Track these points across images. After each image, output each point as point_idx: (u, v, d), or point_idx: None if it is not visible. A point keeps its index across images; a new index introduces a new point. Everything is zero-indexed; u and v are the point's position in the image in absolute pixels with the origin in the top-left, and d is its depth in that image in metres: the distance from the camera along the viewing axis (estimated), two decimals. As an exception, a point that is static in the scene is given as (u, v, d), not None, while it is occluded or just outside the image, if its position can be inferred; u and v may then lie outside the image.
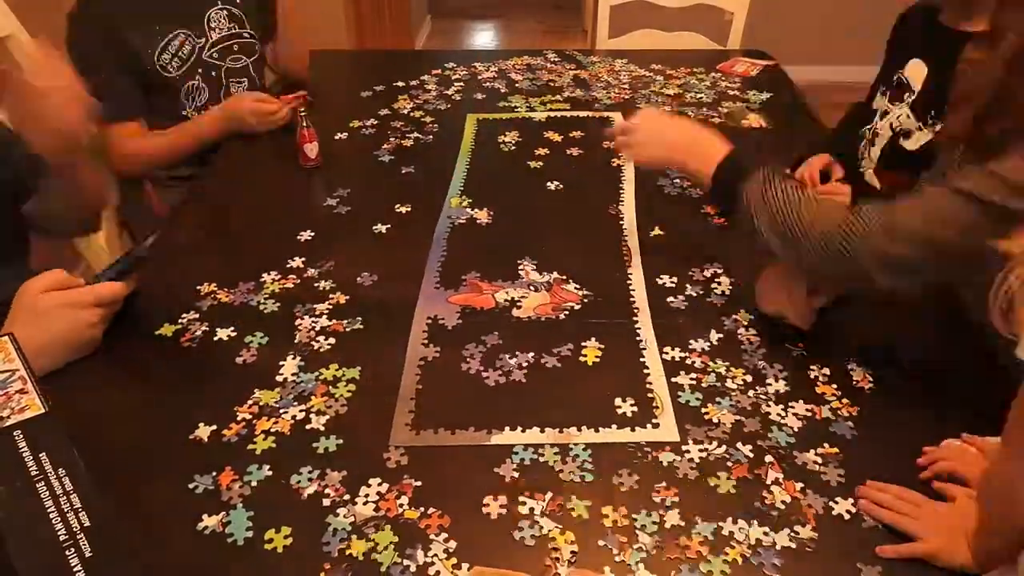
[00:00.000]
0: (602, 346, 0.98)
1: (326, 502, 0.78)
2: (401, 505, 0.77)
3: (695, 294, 1.07)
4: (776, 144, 1.49)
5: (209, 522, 0.76)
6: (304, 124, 1.36)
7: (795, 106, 1.67)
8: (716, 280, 1.10)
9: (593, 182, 1.36)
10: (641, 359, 0.96)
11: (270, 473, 0.81)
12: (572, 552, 0.72)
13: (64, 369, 0.96)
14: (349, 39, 2.86)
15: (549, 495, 0.78)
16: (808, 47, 3.49)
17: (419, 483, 0.79)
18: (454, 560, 0.72)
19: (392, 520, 0.76)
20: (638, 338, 0.99)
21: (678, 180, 1.36)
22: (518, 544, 0.73)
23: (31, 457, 0.74)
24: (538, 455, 0.82)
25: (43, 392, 0.82)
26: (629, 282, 1.10)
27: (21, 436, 0.77)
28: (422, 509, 0.77)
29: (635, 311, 1.04)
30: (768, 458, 0.82)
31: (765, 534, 0.74)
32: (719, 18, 2.12)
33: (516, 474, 0.80)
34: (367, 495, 0.78)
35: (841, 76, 3.74)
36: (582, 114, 1.61)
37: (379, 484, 0.79)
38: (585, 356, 0.96)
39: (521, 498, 0.78)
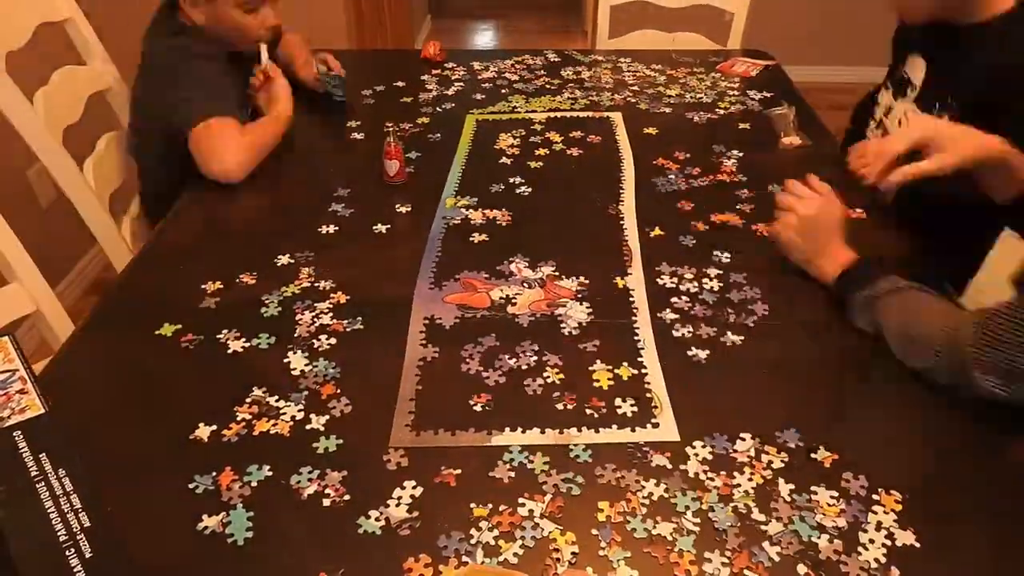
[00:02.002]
0: (602, 345, 0.98)
1: (326, 502, 0.78)
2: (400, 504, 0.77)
3: (695, 293, 1.07)
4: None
5: (209, 522, 0.76)
6: (390, 140, 1.32)
7: (795, 106, 1.67)
8: (717, 279, 1.10)
9: (592, 182, 1.36)
10: (640, 359, 0.96)
11: (270, 473, 0.81)
12: (572, 553, 0.72)
13: (63, 370, 0.97)
14: (349, 39, 2.86)
15: (549, 496, 0.78)
16: (807, 48, 3.50)
17: (417, 484, 0.80)
18: (455, 561, 0.72)
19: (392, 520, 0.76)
20: (636, 338, 0.99)
21: (673, 177, 1.37)
22: (517, 545, 0.73)
23: (31, 457, 0.74)
24: (539, 456, 0.82)
25: (43, 392, 0.82)
26: (627, 282, 1.10)
27: (21, 436, 0.77)
28: (422, 510, 0.77)
29: (634, 311, 1.04)
30: (766, 458, 0.82)
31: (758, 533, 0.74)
32: (719, 18, 2.12)
33: (514, 475, 0.80)
34: (399, 497, 0.78)
35: (840, 77, 3.75)
36: (582, 114, 1.61)
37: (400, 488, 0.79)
38: (585, 356, 0.96)
39: (521, 499, 0.78)
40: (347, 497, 0.78)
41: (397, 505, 0.77)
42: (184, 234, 1.24)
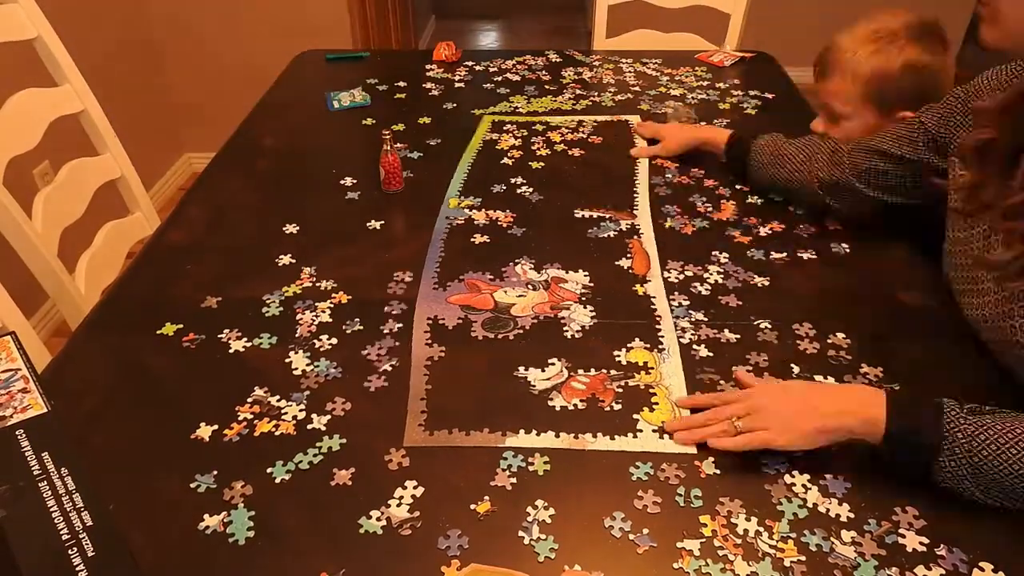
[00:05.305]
0: (620, 353, 0.97)
1: (327, 502, 0.78)
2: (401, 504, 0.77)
3: (696, 294, 1.07)
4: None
5: (210, 522, 0.76)
6: (386, 148, 1.31)
7: (795, 106, 1.67)
8: (719, 276, 1.10)
9: (605, 186, 1.35)
10: (661, 367, 0.94)
11: (271, 473, 0.81)
12: (573, 554, 0.72)
13: (64, 369, 0.97)
14: (354, 39, 2.87)
15: (549, 499, 0.78)
16: (805, 48, 3.47)
17: (418, 485, 0.80)
18: (457, 561, 0.72)
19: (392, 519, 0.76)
20: (661, 346, 0.98)
21: (670, 176, 1.37)
22: (519, 545, 0.73)
23: (33, 456, 0.74)
24: (538, 457, 0.82)
25: (45, 391, 0.82)
26: (647, 288, 1.08)
27: (23, 435, 0.77)
28: (424, 510, 0.77)
29: (657, 319, 1.02)
30: (779, 469, 0.82)
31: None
32: (716, 19, 2.12)
33: (514, 480, 0.80)
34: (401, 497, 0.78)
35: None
36: (599, 117, 1.60)
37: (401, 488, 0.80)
38: (598, 361, 0.95)
39: (523, 500, 0.78)
40: (348, 497, 0.78)
41: (398, 505, 0.77)
42: (185, 234, 1.25)
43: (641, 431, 0.86)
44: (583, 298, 1.07)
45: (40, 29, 1.32)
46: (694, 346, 0.98)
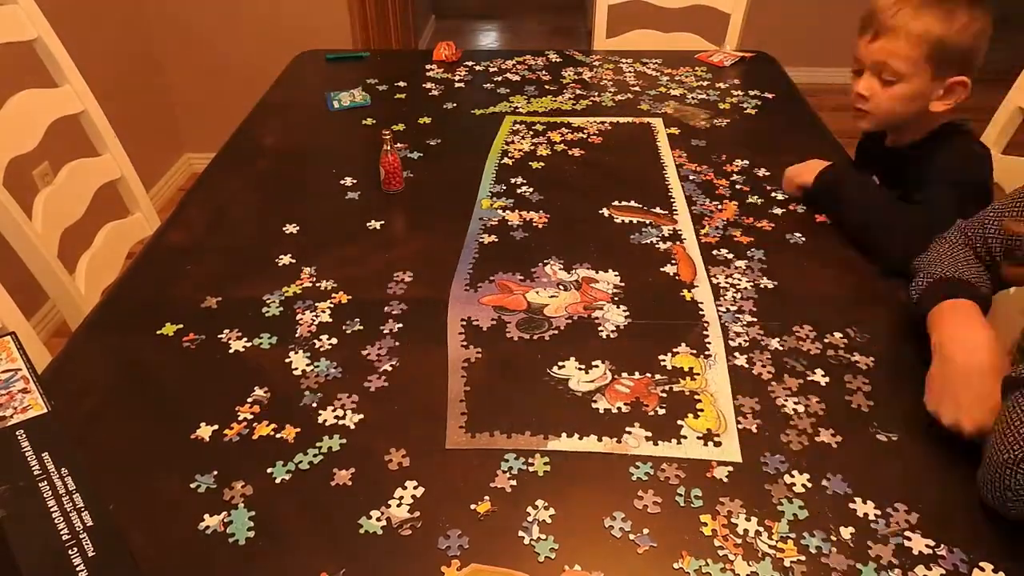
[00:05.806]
0: (665, 357, 0.96)
1: (327, 502, 0.78)
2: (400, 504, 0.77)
3: (739, 297, 1.07)
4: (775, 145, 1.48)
5: (210, 522, 0.76)
6: (386, 148, 1.31)
7: (795, 106, 1.67)
8: (725, 277, 1.10)
9: (633, 188, 1.33)
10: (707, 373, 0.93)
11: (271, 473, 0.81)
12: (573, 554, 0.72)
13: (64, 369, 0.97)
14: (354, 39, 2.87)
15: (549, 499, 0.78)
16: (805, 48, 3.49)
17: (418, 485, 0.80)
18: (457, 561, 0.72)
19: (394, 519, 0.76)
20: (707, 352, 0.96)
21: (693, 178, 1.36)
22: (519, 545, 0.73)
23: (34, 456, 0.75)
24: (546, 459, 0.82)
25: (45, 391, 0.82)
26: (694, 293, 1.07)
27: (24, 435, 0.77)
28: (424, 510, 0.77)
29: (705, 324, 1.01)
30: (779, 469, 0.82)
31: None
32: (716, 19, 2.13)
33: (514, 480, 0.80)
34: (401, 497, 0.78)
35: (839, 78, 3.75)
36: (621, 119, 1.59)
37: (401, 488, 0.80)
38: (639, 364, 0.94)
39: (523, 500, 0.78)
40: (348, 497, 0.78)
41: (398, 505, 0.77)
42: (185, 234, 1.25)
43: (685, 437, 0.85)
44: (615, 298, 1.06)
45: (40, 30, 1.32)
46: (740, 352, 0.96)
